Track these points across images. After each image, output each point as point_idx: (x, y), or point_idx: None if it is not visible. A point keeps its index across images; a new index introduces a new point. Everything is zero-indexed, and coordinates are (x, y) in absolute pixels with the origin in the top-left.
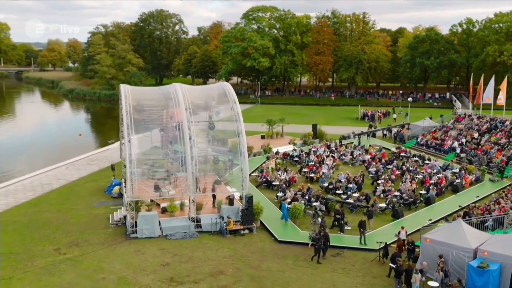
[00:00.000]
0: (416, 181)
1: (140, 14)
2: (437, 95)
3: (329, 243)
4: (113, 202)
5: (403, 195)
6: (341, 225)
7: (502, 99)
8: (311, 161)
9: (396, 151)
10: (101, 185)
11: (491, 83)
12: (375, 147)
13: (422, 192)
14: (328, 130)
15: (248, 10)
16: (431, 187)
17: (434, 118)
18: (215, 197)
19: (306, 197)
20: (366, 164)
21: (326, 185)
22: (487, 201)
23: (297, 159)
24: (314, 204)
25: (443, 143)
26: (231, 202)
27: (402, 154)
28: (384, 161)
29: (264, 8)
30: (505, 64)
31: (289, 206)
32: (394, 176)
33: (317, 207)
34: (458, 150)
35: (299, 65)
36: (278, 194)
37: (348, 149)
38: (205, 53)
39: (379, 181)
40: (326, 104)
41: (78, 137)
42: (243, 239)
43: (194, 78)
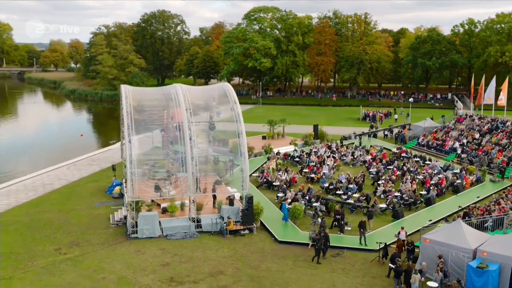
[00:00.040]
0: (416, 182)
1: (142, 15)
2: (438, 96)
3: (329, 243)
4: (114, 202)
5: (404, 195)
6: (341, 225)
7: (503, 99)
8: (312, 162)
9: (397, 151)
10: (102, 185)
11: (493, 83)
12: (376, 147)
13: (423, 192)
14: (329, 131)
15: (249, 10)
16: (432, 188)
17: (435, 119)
18: (215, 198)
19: (306, 197)
20: (367, 165)
21: (326, 185)
22: (487, 201)
23: (298, 159)
24: (315, 204)
25: (444, 143)
26: (231, 203)
27: (403, 155)
28: (385, 162)
29: (266, 8)
30: (506, 64)
31: (289, 206)
32: (394, 176)
33: (317, 207)
34: (459, 151)
35: (301, 65)
36: (279, 195)
37: (349, 149)
38: (207, 53)
39: (380, 182)
40: (327, 105)
41: (80, 137)
42: (243, 239)
43: (196, 79)
